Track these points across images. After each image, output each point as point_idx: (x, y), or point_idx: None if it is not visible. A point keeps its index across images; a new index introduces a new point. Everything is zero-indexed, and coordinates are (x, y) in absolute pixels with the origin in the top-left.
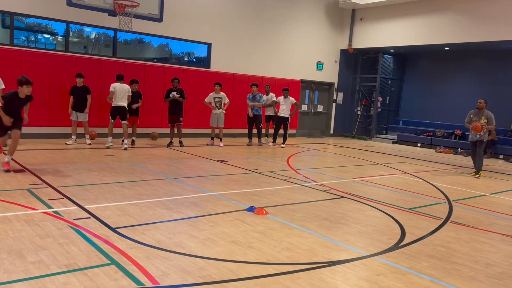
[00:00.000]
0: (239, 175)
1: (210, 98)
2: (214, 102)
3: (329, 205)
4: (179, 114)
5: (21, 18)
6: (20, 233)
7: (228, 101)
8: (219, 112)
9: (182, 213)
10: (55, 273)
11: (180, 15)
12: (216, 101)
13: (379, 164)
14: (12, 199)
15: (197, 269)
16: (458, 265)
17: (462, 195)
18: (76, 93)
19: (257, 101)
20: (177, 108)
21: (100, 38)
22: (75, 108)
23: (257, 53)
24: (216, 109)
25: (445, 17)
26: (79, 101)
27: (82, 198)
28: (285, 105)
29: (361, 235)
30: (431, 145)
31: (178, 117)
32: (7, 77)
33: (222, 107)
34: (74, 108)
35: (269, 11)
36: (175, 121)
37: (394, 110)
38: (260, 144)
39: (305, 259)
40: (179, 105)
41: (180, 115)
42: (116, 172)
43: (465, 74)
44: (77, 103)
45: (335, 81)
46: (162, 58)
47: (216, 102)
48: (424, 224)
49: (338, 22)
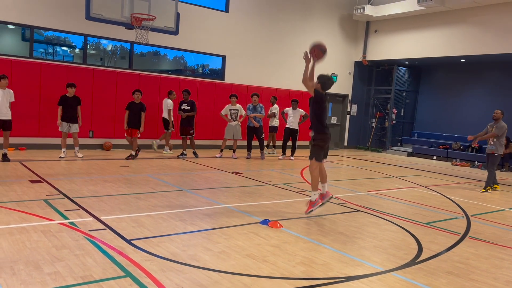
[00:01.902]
0: (253, 187)
1: (226, 110)
2: (230, 114)
3: (344, 219)
4: (190, 126)
5: (41, 31)
6: (37, 244)
7: (244, 113)
8: (235, 124)
9: (196, 225)
10: (71, 285)
11: (195, 28)
12: (232, 113)
13: (394, 177)
14: (29, 210)
15: (212, 282)
16: (477, 282)
17: (480, 209)
18: (67, 104)
19: (258, 111)
20: (189, 120)
21: (116, 51)
22: (66, 119)
23: (271, 65)
24: (232, 121)
25: (460, 29)
26: (70, 112)
27: (97, 209)
28: (294, 116)
29: (377, 249)
30: (447, 158)
31: (189, 129)
32: (27, 88)
33: (238, 119)
34: (66, 119)
35: (283, 23)
36: (186, 133)
37: (409, 122)
38: (262, 158)
39: (320, 274)
40: (190, 116)
41: (191, 127)
42: (131, 183)
43: (481, 86)
44: (68, 114)
45: (349, 93)
46: (177, 70)
47: (232, 114)
48: (441, 239)
49: (352, 34)
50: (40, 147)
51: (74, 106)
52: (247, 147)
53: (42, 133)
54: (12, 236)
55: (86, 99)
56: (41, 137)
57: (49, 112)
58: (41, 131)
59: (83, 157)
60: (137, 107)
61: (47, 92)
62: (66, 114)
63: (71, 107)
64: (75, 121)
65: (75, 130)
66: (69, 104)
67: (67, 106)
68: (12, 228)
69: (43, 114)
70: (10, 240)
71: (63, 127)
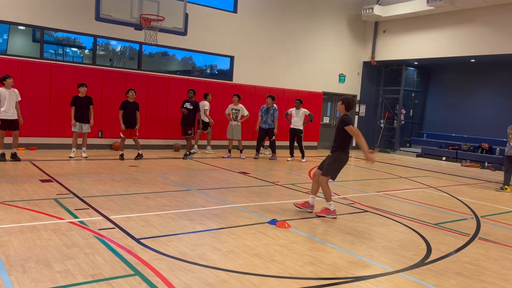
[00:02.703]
0: (261, 187)
1: (229, 110)
2: (231, 113)
3: (352, 219)
4: (189, 126)
5: (51, 32)
6: (48, 242)
7: (247, 113)
8: (234, 124)
9: (204, 224)
10: (81, 283)
11: (204, 29)
12: (233, 113)
13: (403, 177)
14: (40, 209)
15: (220, 281)
16: (487, 284)
17: (490, 210)
18: (79, 104)
19: (270, 114)
20: (188, 119)
21: (125, 51)
22: (78, 119)
23: (279, 66)
24: (232, 121)
25: (470, 29)
26: (83, 112)
27: (107, 209)
28: (297, 116)
29: (385, 250)
30: (457, 159)
31: (187, 129)
32: (37, 89)
33: (239, 119)
34: (78, 119)
35: (291, 24)
36: (184, 133)
37: (418, 123)
38: (273, 158)
39: (328, 274)
40: (191, 116)
41: (190, 128)
42: (140, 183)
43: (491, 87)
44: (80, 114)
45: (358, 94)
46: (185, 71)
47: (233, 113)
48: (450, 240)
49: (361, 35)
50: (51, 147)
51: (87, 106)
52: (256, 147)
53: (52, 133)
54: (23, 234)
55: (96, 99)
56: (51, 137)
57: (59, 113)
58: (51, 131)
59: (87, 157)
60: (132, 106)
61: (57, 93)
62: (78, 114)
63: (83, 107)
64: (86, 121)
65: (87, 130)
66: (81, 104)
67: (79, 106)
68: (23, 227)
69: (53, 114)
70: (21, 239)
71: (76, 127)
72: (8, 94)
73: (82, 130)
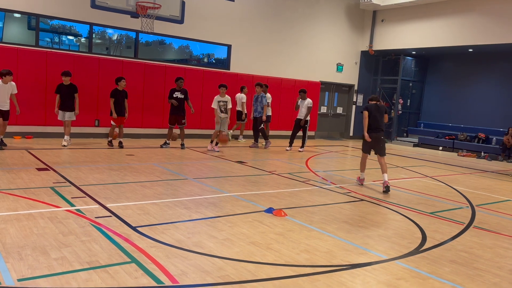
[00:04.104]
0: (258, 176)
1: (216, 103)
2: (219, 106)
3: (348, 208)
4: (181, 116)
5: (46, 20)
6: (44, 230)
7: (231, 106)
8: (224, 117)
9: (201, 213)
10: (78, 270)
11: (200, 17)
12: (221, 105)
13: (399, 167)
14: (36, 197)
15: (216, 269)
16: (481, 271)
17: (485, 199)
18: (62, 92)
19: (259, 102)
20: (179, 109)
21: (122, 40)
22: (61, 107)
23: (277, 55)
24: (220, 113)
25: (469, 18)
26: (66, 101)
27: (103, 197)
28: (302, 106)
29: (381, 238)
30: (453, 149)
31: (180, 118)
32: (33, 77)
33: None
34: (61, 107)
35: (289, 13)
36: (175, 122)
37: (415, 113)
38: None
39: (324, 262)
40: (181, 106)
41: (182, 117)
42: (136, 171)
43: (489, 76)
44: (63, 103)
45: (355, 83)
46: (182, 60)
47: (221, 106)
48: (445, 228)
49: (359, 24)
50: (47, 136)
51: (70, 95)
52: (254, 136)
53: (48, 121)
54: (20, 222)
55: (92, 88)
56: (48, 125)
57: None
58: (47, 120)
59: (65, 146)
60: (122, 95)
61: (53, 81)
62: (62, 102)
63: (67, 96)
64: (69, 109)
65: (69, 118)
66: (64, 92)
67: (62, 95)
68: (19, 215)
69: (49, 103)
70: (17, 226)
71: (59, 115)
72: (3, 87)
73: (64, 118)
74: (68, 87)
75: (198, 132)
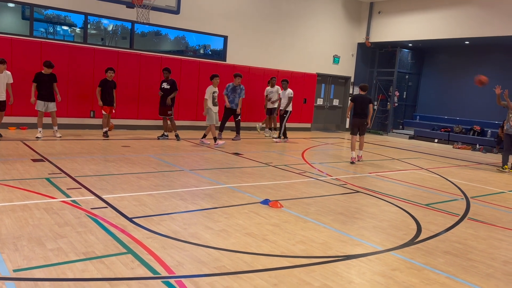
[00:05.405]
0: (254, 168)
1: (209, 94)
2: (212, 97)
3: (344, 200)
4: (167, 107)
5: (41, 10)
6: (40, 221)
7: None
8: (216, 110)
9: (197, 204)
10: (74, 261)
11: (196, 8)
12: (215, 96)
13: (395, 159)
14: (31, 188)
15: (212, 260)
16: (475, 262)
17: (480, 191)
18: (42, 81)
19: (237, 93)
20: (166, 100)
21: (117, 30)
22: (43, 98)
23: (273, 46)
24: (212, 105)
25: (466, 10)
26: (46, 90)
27: (99, 188)
28: (283, 97)
29: (376, 230)
30: (449, 141)
31: (166, 110)
32: (27, 67)
33: None
34: (42, 98)
35: (286, 4)
36: (164, 114)
37: (411, 105)
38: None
39: (319, 253)
40: (167, 97)
41: (169, 108)
42: (132, 163)
43: (485, 69)
44: (44, 92)
45: (352, 75)
46: (178, 51)
47: (214, 97)
48: (440, 220)
49: (356, 16)
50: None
51: (50, 84)
52: (220, 127)
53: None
54: (15, 213)
55: (87, 79)
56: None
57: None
58: None
59: (61, 137)
60: (110, 86)
61: None
62: (42, 92)
63: (47, 85)
64: (52, 99)
65: (53, 109)
66: (44, 81)
67: (42, 84)
68: (14, 206)
69: None
70: (12, 217)
71: (40, 106)
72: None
73: (48, 109)
74: (49, 76)
75: (194, 124)
